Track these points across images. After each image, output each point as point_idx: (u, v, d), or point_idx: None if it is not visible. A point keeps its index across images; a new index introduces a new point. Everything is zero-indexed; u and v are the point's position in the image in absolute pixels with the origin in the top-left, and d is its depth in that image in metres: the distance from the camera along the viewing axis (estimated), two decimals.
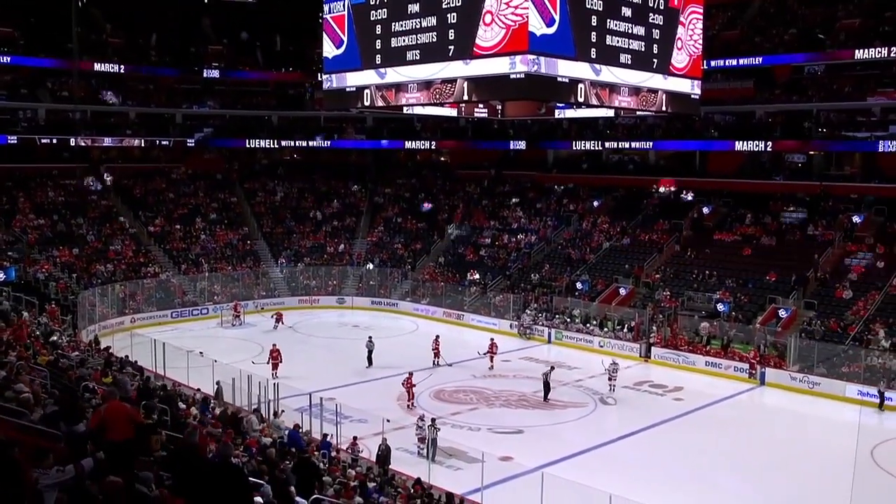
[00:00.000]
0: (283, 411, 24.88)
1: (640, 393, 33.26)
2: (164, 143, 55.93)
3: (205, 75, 56.45)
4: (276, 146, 58.94)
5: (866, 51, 41.98)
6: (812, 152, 47.09)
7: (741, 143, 45.78)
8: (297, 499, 12.35)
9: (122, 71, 53.50)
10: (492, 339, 36.70)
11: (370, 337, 36.40)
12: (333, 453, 21.94)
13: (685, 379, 34.99)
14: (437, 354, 35.98)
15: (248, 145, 57.96)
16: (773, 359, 35.03)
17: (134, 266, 46.62)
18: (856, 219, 42.40)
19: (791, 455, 25.98)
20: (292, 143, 59.12)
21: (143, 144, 55.28)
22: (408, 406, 29.79)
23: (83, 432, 9.47)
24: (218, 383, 28.01)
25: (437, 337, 36.77)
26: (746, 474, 24.09)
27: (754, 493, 22.66)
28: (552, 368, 32.62)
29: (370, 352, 35.75)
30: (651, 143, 51.04)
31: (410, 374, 30.54)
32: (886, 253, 39.27)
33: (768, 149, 45.72)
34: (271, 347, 33.48)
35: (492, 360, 35.94)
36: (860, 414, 30.21)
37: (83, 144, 52.25)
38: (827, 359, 33.94)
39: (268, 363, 32.74)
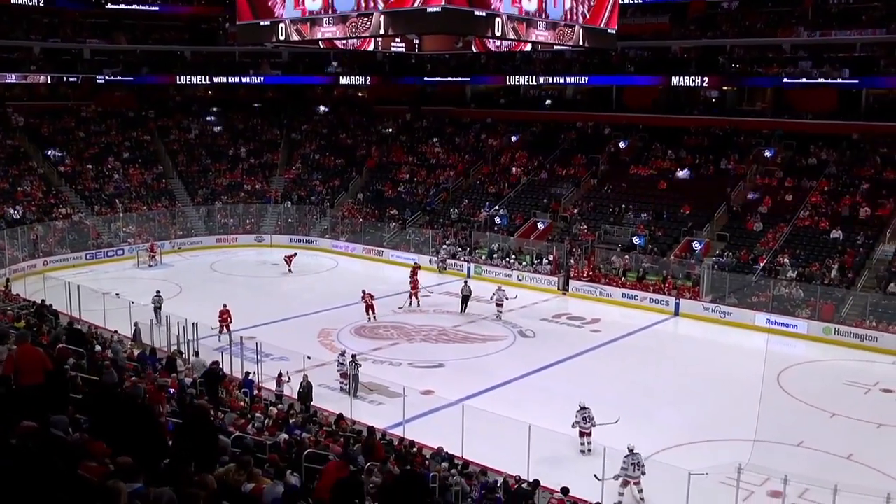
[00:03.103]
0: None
1: (559, 325, 33.87)
2: (72, 79, 53.94)
3: (112, 6, 53.93)
4: (208, 82, 57.16)
5: None
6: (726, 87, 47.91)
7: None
8: (221, 437, 12.33)
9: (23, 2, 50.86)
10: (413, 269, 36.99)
11: (158, 292, 31.86)
12: (255, 391, 21.96)
13: (603, 311, 35.71)
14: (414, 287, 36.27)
15: (178, 81, 56.12)
16: (687, 289, 35.92)
17: (44, 207, 45.35)
18: (767, 153, 43.35)
19: (704, 381, 26.86)
20: (225, 79, 57.03)
21: (49, 81, 53.22)
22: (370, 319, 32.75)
23: None
24: (136, 325, 27.72)
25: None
26: (662, 401, 24.86)
27: (669, 417, 23.39)
28: (466, 282, 35.31)
29: (157, 308, 30.76)
30: (586, 78, 50.77)
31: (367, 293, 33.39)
32: (795, 186, 40.33)
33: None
34: (221, 308, 29.78)
35: (416, 297, 36.00)
36: (768, 341, 31.30)
37: None
38: (738, 289, 34.99)
39: (216, 327, 29.09)
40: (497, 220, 44.61)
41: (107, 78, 53.48)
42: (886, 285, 32.88)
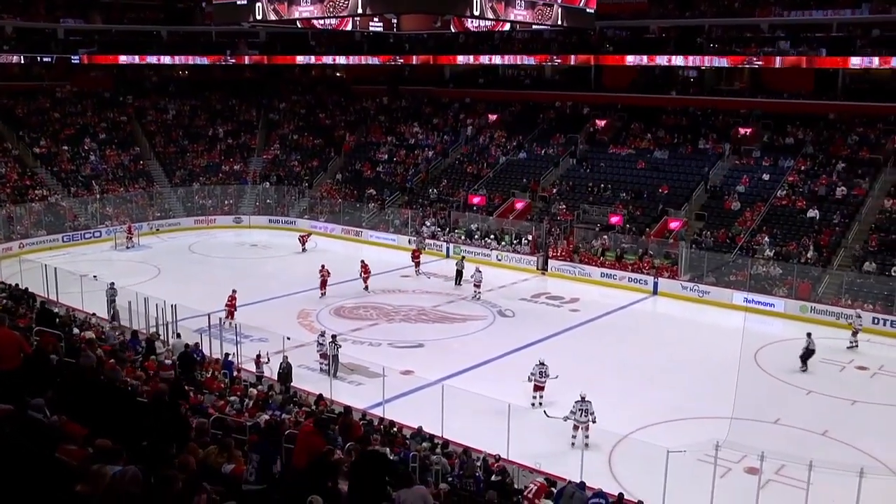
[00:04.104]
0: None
1: (538, 305, 33.96)
2: (46, 59, 53.32)
3: None
4: (184, 62, 56.70)
5: None
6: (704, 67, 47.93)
7: None
8: (200, 419, 12.33)
9: None
10: (363, 261, 35.55)
11: (112, 284, 29.07)
12: (235, 373, 21.91)
13: (581, 290, 35.83)
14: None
15: (155, 62, 55.73)
16: (666, 269, 36.08)
17: (20, 189, 44.91)
18: (744, 132, 43.47)
19: (682, 360, 26.99)
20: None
21: (22, 61, 52.56)
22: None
23: None
24: (114, 307, 27.56)
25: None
26: (640, 379, 25.02)
27: (648, 395, 23.54)
28: (463, 258, 36.01)
29: (111, 301, 28.67)
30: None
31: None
32: (772, 165, 40.53)
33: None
34: (230, 293, 29.50)
35: (366, 282, 34.97)
36: (745, 320, 31.51)
37: None
38: (716, 268, 35.19)
39: (226, 315, 28.38)
40: (476, 200, 44.42)
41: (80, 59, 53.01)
42: (861, 264, 33.19)
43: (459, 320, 31.24)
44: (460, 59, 53.38)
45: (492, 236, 41.54)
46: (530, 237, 40.24)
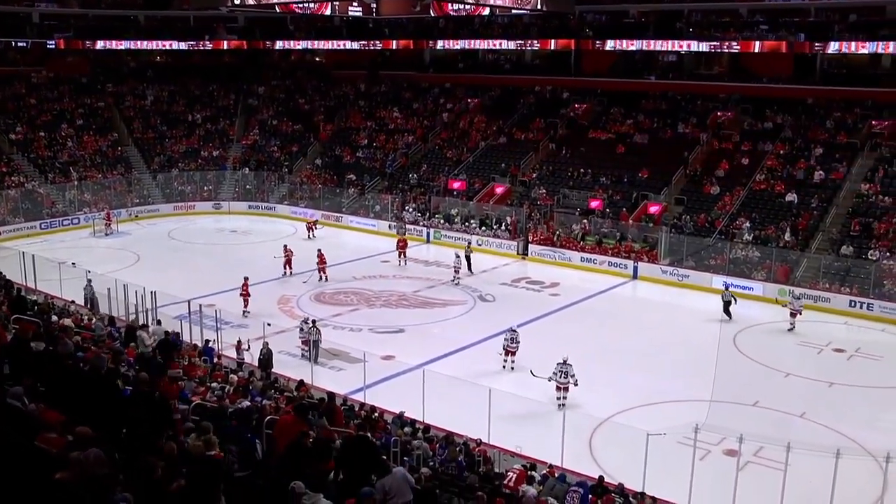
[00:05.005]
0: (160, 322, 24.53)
1: (518, 289, 34.04)
2: (21, 44, 52.80)
3: None
4: (162, 47, 56.34)
5: None
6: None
7: None
8: (181, 406, 12.31)
9: None
10: (319, 251, 34.79)
11: (89, 280, 28.10)
12: (216, 359, 21.85)
13: (562, 275, 35.95)
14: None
15: (132, 47, 55.23)
16: (645, 253, 36.23)
17: None
18: (723, 116, 43.61)
19: (662, 343, 27.18)
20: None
21: None
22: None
23: None
24: (92, 294, 27.42)
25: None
26: (620, 362, 25.17)
27: (628, 379, 23.72)
28: (469, 244, 36.24)
29: (87, 298, 27.82)
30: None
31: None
32: (751, 150, 40.71)
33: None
34: (243, 281, 29.52)
35: (324, 272, 34.23)
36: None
37: None
38: (695, 252, 35.37)
39: (243, 304, 29.16)
40: (456, 184, 44.46)
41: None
42: (839, 247, 33.45)
43: (440, 305, 31.29)
44: (440, 44, 53.35)
45: (471, 221, 41.53)
46: (510, 220, 40.27)
